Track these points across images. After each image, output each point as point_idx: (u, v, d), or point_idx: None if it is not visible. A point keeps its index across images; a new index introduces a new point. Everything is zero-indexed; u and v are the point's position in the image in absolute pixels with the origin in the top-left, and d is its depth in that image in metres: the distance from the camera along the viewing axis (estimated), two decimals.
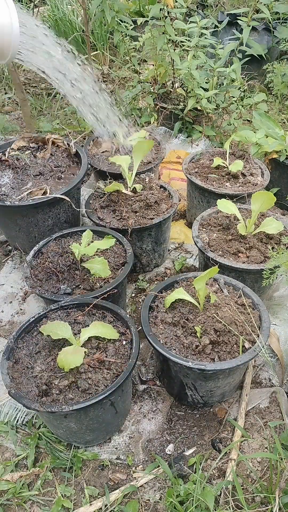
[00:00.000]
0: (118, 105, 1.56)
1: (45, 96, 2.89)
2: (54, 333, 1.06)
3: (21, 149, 1.72)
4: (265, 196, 1.33)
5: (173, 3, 2.05)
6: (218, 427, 1.21)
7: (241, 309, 1.20)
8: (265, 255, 1.37)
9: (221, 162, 1.76)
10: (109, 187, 1.57)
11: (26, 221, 1.56)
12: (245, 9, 2.11)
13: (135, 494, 1.08)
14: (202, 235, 1.46)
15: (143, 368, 1.34)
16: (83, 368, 1.03)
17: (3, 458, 1.16)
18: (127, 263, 1.35)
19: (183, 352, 1.10)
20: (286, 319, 1.45)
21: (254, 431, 1.18)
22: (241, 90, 2.21)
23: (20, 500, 1.07)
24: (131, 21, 2.19)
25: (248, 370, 1.32)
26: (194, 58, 2.05)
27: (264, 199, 1.33)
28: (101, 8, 2.01)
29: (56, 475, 1.12)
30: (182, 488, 1.04)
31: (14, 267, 1.72)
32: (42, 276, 1.34)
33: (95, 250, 1.32)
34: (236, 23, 2.13)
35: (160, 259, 1.70)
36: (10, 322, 1.51)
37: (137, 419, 1.22)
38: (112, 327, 1.13)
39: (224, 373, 1.08)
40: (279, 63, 2.43)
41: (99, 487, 1.09)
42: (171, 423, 1.22)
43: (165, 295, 1.25)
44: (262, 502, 1.03)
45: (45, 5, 3.53)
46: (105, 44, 3.29)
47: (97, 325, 1.11)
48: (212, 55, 2.16)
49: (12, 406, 1.23)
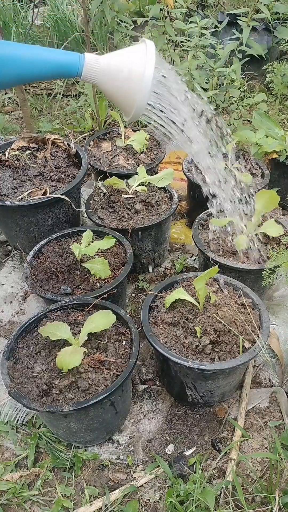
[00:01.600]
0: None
1: (45, 96, 2.89)
2: (53, 334, 1.06)
3: (21, 149, 1.72)
4: (267, 195, 1.33)
5: (173, 3, 2.05)
6: (218, 427, 1.21)
7: (241, 309, 1.20)
8: (265, 255, 1.37)
9: (223, 166, 1.76)
10: (108, 181, 1.58)
11: (26, 221, 1.56)
12: (245, 9, 2.11)
13: (135, 494, 1.08)
14: (202, 235, 1.46)
15: (143, 368, 1.34)
16: (83, 368, 1.03)
17: (3, 458, 1.16)
18: (127, 263, 1.35)
19: (183, 352, 1.10)
20: (286, 319, 1.45)
21: (254, 431, 1.18)
22: (241, 90, 2.20)
23: (20, 500, 1.07)
24: (131, 21, 2.19)
25: (248, 370, 1.32)
26: (194, 58, 2.05)
27: (267, 198, 1.33)
28: (101, 8, 2.01)
29: (56, 475, 1.12)
30: (182, 488, 1.04)
31: (14, 267, 1.72)
32: (42, 276, 1.34)
33: (95, 250, 1.32)
34: (236, 23, 2.13)
35: (160, 259, 1.70)
36: (10, 322, 1.51)
37: (137, 419, 1.22)
38: (109, 311, 1.12)
39: (224, 373, 1.08)
40: (279, 63, 2.43)
41: (99, 487, 1.09)
42: (171, 423, 1.22)
43: (165, 295, 1.25)
44: (262, 502, 1.03)
45: (45, 5, 3.53)
46: (105, 44, 3.29)
47: (92, 319, 1.10)
48: (212, 55, 2.16)
49: (12, 406, 1.23)
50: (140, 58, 0.84)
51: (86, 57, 0.86)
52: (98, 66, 0.86)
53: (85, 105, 2.50)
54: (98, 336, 1.13)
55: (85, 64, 0.86)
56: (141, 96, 0.85)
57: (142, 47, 0.86)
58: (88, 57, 0.86)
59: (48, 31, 3.40)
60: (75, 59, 0.86)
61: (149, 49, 0.84)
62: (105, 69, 0.86)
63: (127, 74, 0.84)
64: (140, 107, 0.87)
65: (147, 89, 0.84)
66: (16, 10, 3.33)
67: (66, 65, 0.86)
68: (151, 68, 0.83)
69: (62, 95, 2.87)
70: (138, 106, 0.86)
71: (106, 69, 0.86)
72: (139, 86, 0.84)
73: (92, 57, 0.86)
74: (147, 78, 0.83)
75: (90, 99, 2.26)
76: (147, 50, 0.84)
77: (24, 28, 3.25)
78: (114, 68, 0.86)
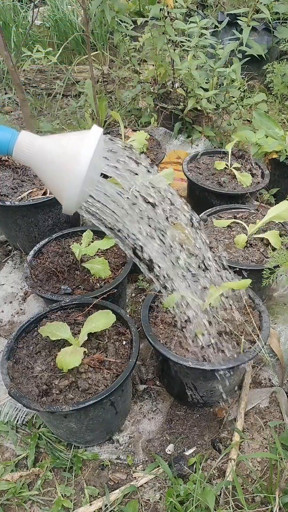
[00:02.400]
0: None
1: (45, 96, 2.89)
2: (53, 334, 1.06)
3: None
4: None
5: (173, 3, 2.05)
6: (218, 427, 1.21)
7: (241, 309, 1.20)
8: (265, 255, 1.37)
9: (224, 166, 1.77)
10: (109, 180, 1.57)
11: (26, 221, 1.56)
12: (245, 9, 2.11)
13: (135, 494, 1.08)
14: (202, 235, 1.46)
15: (143, 368, 1.34)
16: (83, 368, 1.03)
17: (3, 458, 1.16)
18: (127, 263, 1.35)
19: (183, 352, 1.10)
20: (286, 319, 1.45)
21: (254, 431, 1.18)
22: (241, 90, 2.21)
23: (20, 500, 1.07)
24: (131, 21, 2.19)
25: (248, 370, 1.32)
26: (194, 58, 2.05)
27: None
28: (101, 8, 2.01)
29: (56, 475, 1.12)
30: (182, 488, 1.04)
31: (14, 267, 1.72)
32: (42, 276, 1.34)
33: (96, 250, 1.32)
34: (236, 23, 2.13)
35: None
36: (10, 322, 1.51)
37: (137, 419, 1.22)
38: (109, 311, 1.12)
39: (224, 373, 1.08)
40: (279, 63, 2.43)
41: (99, 487, 1.09)
42: (171, 423, 1.22)
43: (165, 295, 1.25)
44: (262, 502, 1.03)
45: (45, 5, 3.53)
46: (105, 44, 3.29)
47: (92, 319, 1.10)
48: (212, 55, 2.16)
49: (12, 406, 1.23)
50: (77, 144, 0.71)
51: (20, 137, 0.77)
52: (30, 149, 0.76)
53: (85, 105, 2.50)
54: (98, 336, 1.13)
55: (16, 144, 0.77)
56: (71, 192, 0.73)
57: (83, 135, 0.74)
58: (21, 138, 0.77)
59: (48, 31, 3.41)
60: (6, 137, 0.77)
61: (88, 137, 0.72)
62: (37, 158, 0.77)
63: (58, 164, 0.73)
64: (69, 208, 0.76)
65: (77, 185, 0.71)
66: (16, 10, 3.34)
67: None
68: (85, 161, 0.70)
69: (62, 95, 2.87)
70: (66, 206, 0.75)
71: (38, 158, 0.76)
72: (70, 179, 0.71)
73: (26, 139, 0.77)
74: (79, 172, 0.70)
75: (90, 99, 2.26)
76: (89, 136, 0.72)
77: (24, 28, 3.25)
78: (47, 160, 0.75)
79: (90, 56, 2.06)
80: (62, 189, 0.73)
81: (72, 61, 3.10)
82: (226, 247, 1.41)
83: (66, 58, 3.30)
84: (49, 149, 0.75)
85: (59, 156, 0.73)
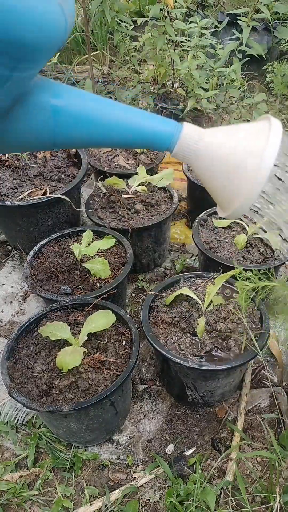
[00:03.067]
0: None
1: None
2: (53, 334, 1.06)
3: None
4: None
5: (173, 3, 2.05)
6: (218, 427, 1.21)
7: None
8: (265, 255, 1.37)
9: None
10: (109, 181, 1.58)
11: (26, 221, 1.56)
12: (245, 9, 2.11)
13: (135, 494, 1.08)
14: (202, 235, 1.46)
15: (143, 368, 1.34)
16: (83, 368, 1.03)
17: (3, 458, 1.16)
18: (127, 263, 1.35)
19: (183, 352, 1.10)
20: (286, 319, 1.45)
21: (254, 431, 1.18)
22: (241, 90, 2.20)
23: (20, 500, 1.07)
24: (131, 21, 2.19)
25: (248, 370, 1.32)
26: (194, 58, 2.05)
27: None
28: (101, 8, 2.01)
29: (56, 475, 1.12)
30: (182, 488, 1.04)
31: (14, 267, 1.72)
32: (42, 276, 1.34)
33: (96, 250, 1.32)
34: (236, 23, 2.13)
35: (160, 259, 1.70)
36: (10, 322, 1.51)
37: (137, 419, 1.22)
38: (109, 311, 1.12)
39: (224, 373, 1.08)
40: (279, 63, 2.43)
41: (99, 487, 1.09)
42: (171, 423, 1.22)
43: (165, 295, 1.25)
44: (262, 502, 1.03)
45: None
46: (105, 44, 3.29)
47: (92, 319, 1.10)
48: (212, 55, 2.16)
49: (12, 406, 1.23)
50: (258, 147, 0.61)
51: (184, 131, 0.65)
52: (196, 148, 0.65)
53: None
54: (98, 336, 1.13)
55: (178, 141, 0.65)
56: (247, 197, 0.63)
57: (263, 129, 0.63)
58: (186, 132, 0.65)
59: None
60: (167, 131, 0.65)
61: (273, 133, 0.61)
62: (204, 154, 0.65)
63: (232, 168, 0.63)
64: (242, 209, 0.66)
65: (257, 190, 0.62)
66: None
67: (152, 137, 0.66)
68: (269, 164, 0.60)
69: None
70: (238, 208, 0.66)
71: (205, 154, 0.65)
72: (248, 185, 0.62)
73: (191, 133, 0.65)
74: (262, 176, 0.61)
75: None
76: (270, 135, 0.61)
77: None
78: (217, 156, 0.64)
79: (90, 56, 2.06)
80: (238, 189, 0.65)
81: (72, 61, 3.10)
82: (226, 247, 1.41)
83: (66, 58, 3.30)
84: (222, 145, 0.64)
85: (235, 152, 0.63)
